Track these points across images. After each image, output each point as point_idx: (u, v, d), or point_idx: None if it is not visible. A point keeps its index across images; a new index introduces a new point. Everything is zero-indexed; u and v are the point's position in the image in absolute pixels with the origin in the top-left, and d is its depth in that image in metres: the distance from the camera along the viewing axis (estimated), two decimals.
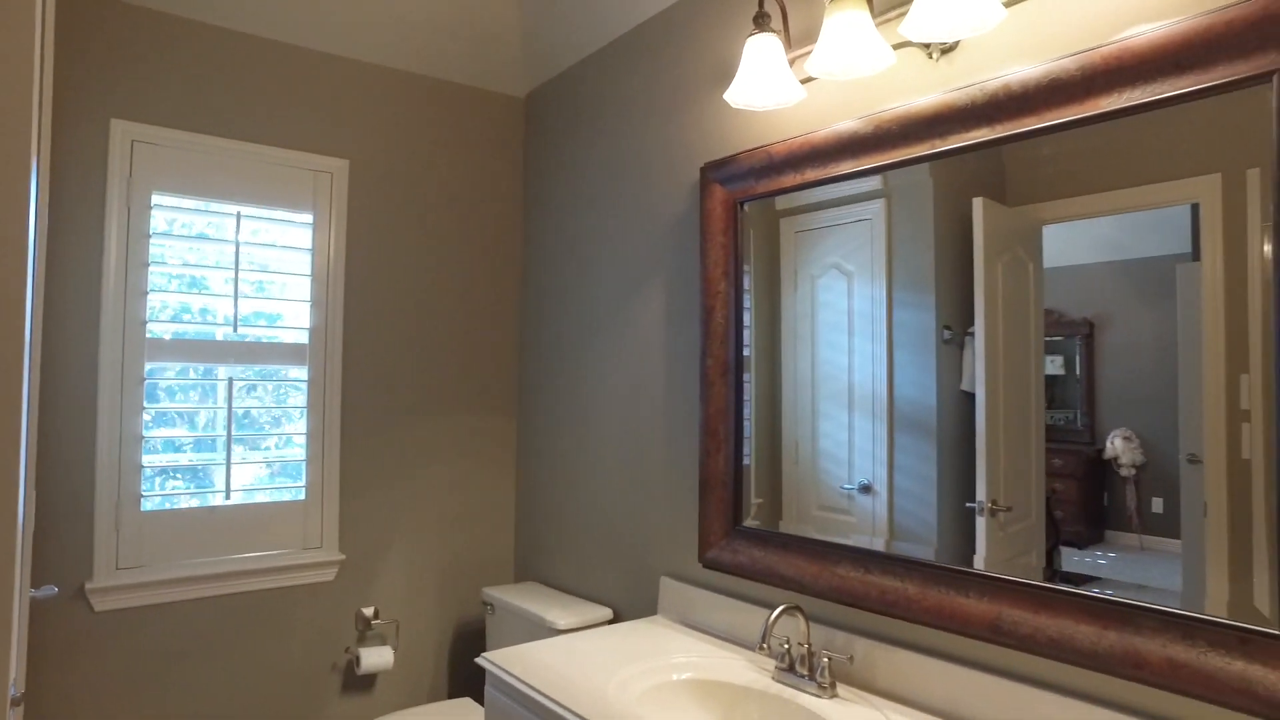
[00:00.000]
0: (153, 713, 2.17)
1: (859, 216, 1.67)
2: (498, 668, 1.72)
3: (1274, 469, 1.09)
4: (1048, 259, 1.35)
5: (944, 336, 1.50)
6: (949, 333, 1.49)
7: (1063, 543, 1.34)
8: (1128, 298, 1.25)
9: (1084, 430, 1.30)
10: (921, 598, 1.49)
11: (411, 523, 2.61)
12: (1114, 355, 1.27)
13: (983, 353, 1.43)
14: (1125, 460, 1.26)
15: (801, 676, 1.61)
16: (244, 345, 2.30)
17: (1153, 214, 1.22)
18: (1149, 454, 1.23)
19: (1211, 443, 1.16)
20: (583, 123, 2.59)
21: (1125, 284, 1.25)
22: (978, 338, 1.44)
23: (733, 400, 1.92)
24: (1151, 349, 1.22)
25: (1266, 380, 1.11)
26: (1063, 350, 1.33)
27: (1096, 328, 1.28)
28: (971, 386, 1.45)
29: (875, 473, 1.62)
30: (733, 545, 1.89)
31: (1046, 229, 1.35)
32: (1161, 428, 1.21)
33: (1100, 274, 1.28)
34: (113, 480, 2.10)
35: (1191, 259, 1.18)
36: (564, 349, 2.62)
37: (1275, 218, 1.09)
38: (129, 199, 2.14)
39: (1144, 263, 1.23)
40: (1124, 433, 1.26)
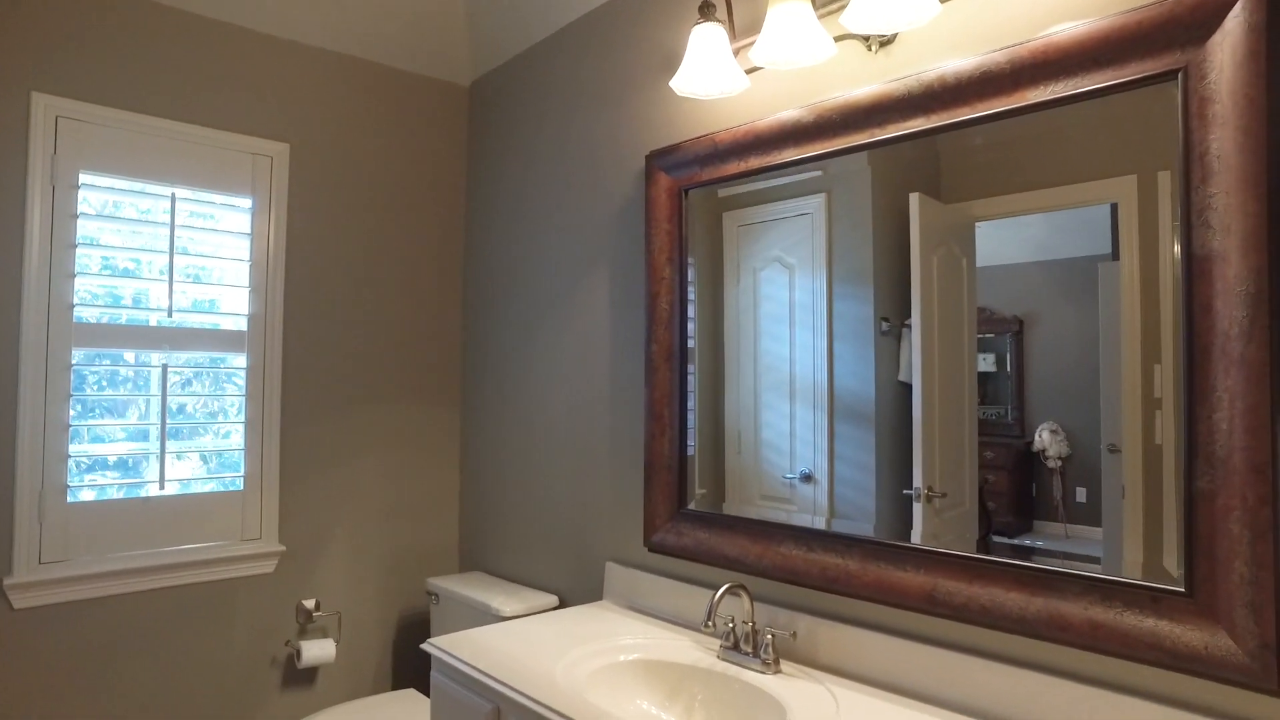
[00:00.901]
0: (83, 714, 2.09)
1: (800, 211, 1.70)
2: (443, 652, 1.71)
3: (1182, 449, 1.16)
4: (981, 258, 1.40)
5: (882, 328, 1.55)
6: (887, 324, 1.54)
7: (994, 532, 1.40)
8: (1054, 296, 1.30)
9: (1014, 424, 1.35)
10: (862, 573, 1.54)
11: (353, 513, 2.57)
12: (1042, 351, 1.32)
13: (919, 344, 1.48)
14: (1052, 452, 1.32)
15: (746, 654, 1.64)
16: (179, 331, 2.23)
17: (1077, 215, 1.28)
18: (1074, 446, 1.29)
19: (1129, 430, 1.23)
20: (528, 112, 2.59)
21: (1052, 283, 1.31)
22: (914, 329, 1.49)
23: (677, 385, 1.95)
24: (1076, 345, 1.28)
25: (1175, 370, 1.19)
26: (994, 347, 1.39)
27: (1026, 325, 1.34)
28: (908, 377, 1.49)
29: (816, 461, 1.66)
30: (678, 528, 1.92)
31: (979, 227, 1.40)
32: (1085, 420, 1.27)
33: (1029, 273, 1.33)
34: (35, 470, 2.01)
35: (1112, 258, 1.25)
36: (508, 337, 2.61)
37: (1183, 216, 1.16)
38: (53, 177, 2.05)
39: (1069, 263, 1.28)
40: (1051, 426, 1.32)
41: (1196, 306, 1.15)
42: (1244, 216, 1.10)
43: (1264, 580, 1.08)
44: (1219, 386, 1.13)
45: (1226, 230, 1.12)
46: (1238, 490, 1.10)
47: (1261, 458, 1.08)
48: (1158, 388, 1.20)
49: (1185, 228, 1.16)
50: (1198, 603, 1.14)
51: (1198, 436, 1.15)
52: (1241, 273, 1.11)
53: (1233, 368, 1.11)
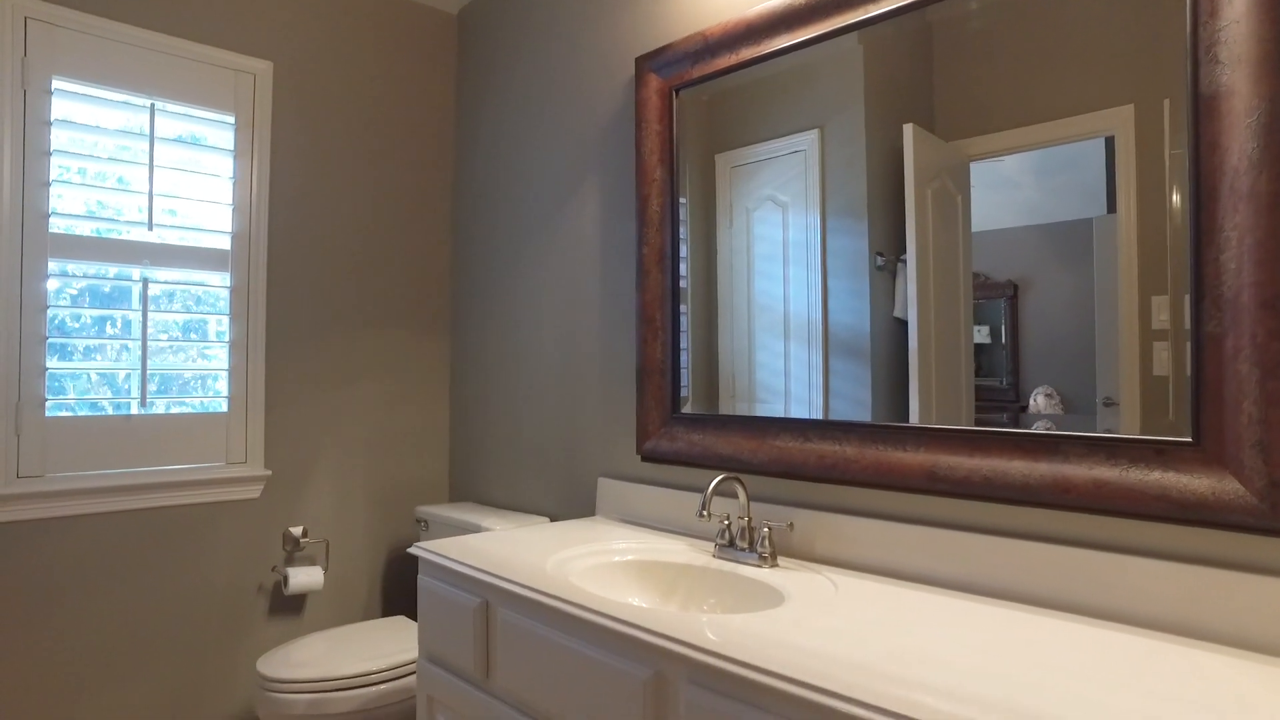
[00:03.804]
0: (66, 631, 2.05)
1: (793, 148, 1.67)
2: (430, 552, 1.67)
3: (1189, 299, 1.13)
4: (974, 224, 1.38)
5: (877, 263, 1.52)
6: (882, 259, 1.51)
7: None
8: (1049, 260, 1.29)
9: (1009, 390, 1.33)
10: (859, 457, 1.51)
11: (341, 440, 2.53)
12: (1036, 315, 1.31)
13: (914, 278, 1.46)
14: (1046, 414, 1.30)
15: (742, 550, 1.60)
16: (160, 247, 2.17)
17: (1071, 176, 1.26)
18: (1067, 407, 1.27)
19: (1126, 369, 1.21)
20: (516, 34, 2.53)
21: (1046, 246, 1.29)
22: (910, 264, 1.46)
23: (669, 287, 1.91)
24: (1070, 306, 1.27)
25: (1176, 299, 1.16)
26: (988, 314, 1.37)
27: (1020, 290, 1.32)
28: (904, 312, 1.47)
29: (812, 399, 1.64)
30: (671, 432, 1.88)
31: (974, 173, 1.38)
32: (1079, 379, 1.26)
33: (1023, 237, 1.31)
34: (10, 382, 1.96)
35: (1108, 212, 1.23)
36: (498, 260, 2.57)
37: (1191, 55, 1.12)
38: (24, 80, 1.99)
39: (1063, 225, 1.27)
40: (1045, 390, 1.30)
41: (1203, 146, 1.11)
42: (1257, 43, 1.06)
43: (1274, 418, 1.05)
44: (1226, 225, 1.09)
45: (1236, 62, 1.08)
46: (1247, 329, 1.07)
47: (1272, 291, 1.05)
48: (1156, 318, 1.18)
49: (1193, 67, 1.13)
50: (1204, 451, 1.11)
51: (1204, 281, 1.11)
52: (1252, 104, 1.07)
53: (1241, 203, 1.08)
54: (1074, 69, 1.27)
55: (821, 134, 1.63)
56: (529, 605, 1.40)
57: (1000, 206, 1.34)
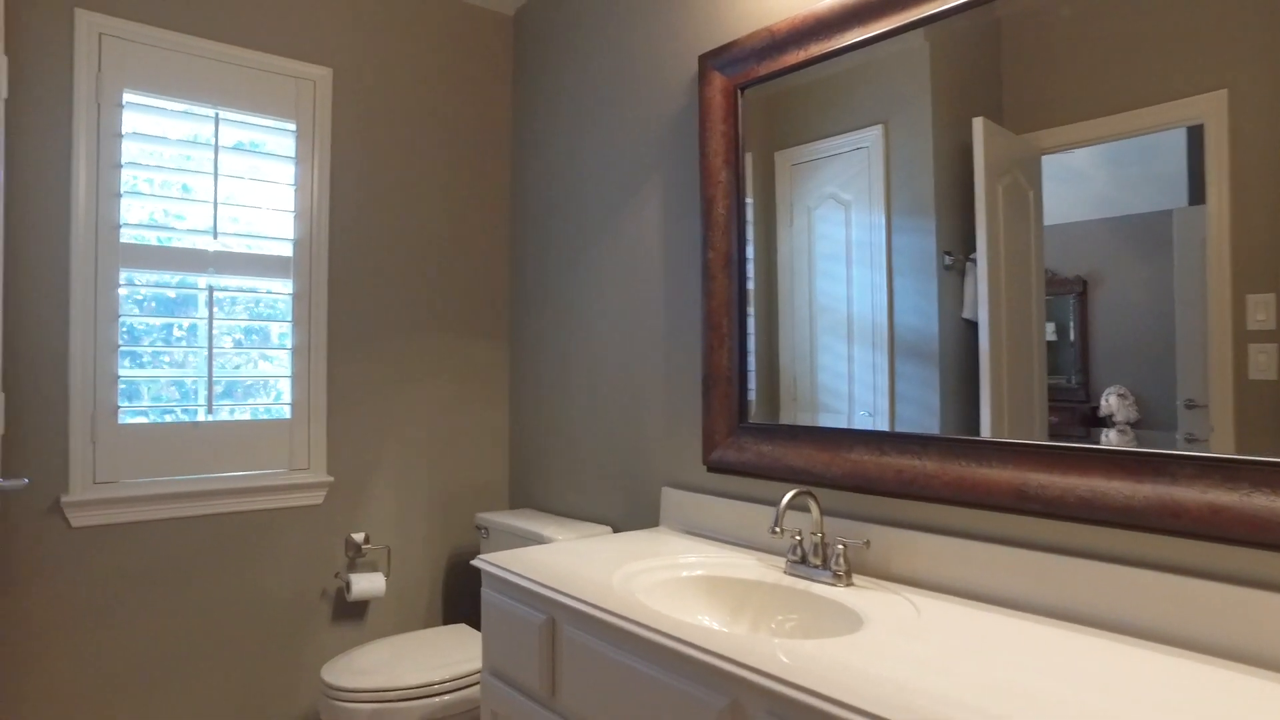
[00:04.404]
0: (137, 632, 2.09)
1: (856, 144, 1.62)
2: (494, 566, 1.64)
3: None
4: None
5: (945, 262, 1.46)
6: (950, 259, 1.45)
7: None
8: (1121, 254, 1.22)
9: (1078, 389, 1.27)
10: (940, 473, 1.43)
11: (401, 445, 2.53)
12: (1108, 312, 1.24)
13: (985, 278, 1.39)
14: (1120, 417, 1.24)
15: (815, 567, 1.54)
16: (225, 255, 2.20)
17: (1146, 167, 1.19)
18: (1144, 409, 1.20)
19: (1218, 373, 1.12)
20: (574, 34, 2.49)
21: (1119, 240, 1.22)
22: (980, 263, 1.40)
23: (735, 293, 1.84)
24: (1146, 303, 1.20)
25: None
26: (1055, 311, 1.30)
27: (1090, 285, 1.26)
28: (974, 313, 1.41)
29: (876, 403, 1.58)
30: (739, 443, 1.82)
31: (1045, 180, 1.31)
32: (1157, 380, 1.19)
33: (1093, 231, 1.25)
34: (87, 390, 2.00)
35: (1188, 205, 1.14)
36: (557, 262, 2.54)
37: None
38: (98, 95, 2.03)
39: (1138, 218, 1.20)
40: (1119, 390, 1.23)
41: None
42: None
43: None
44: None
45: None
46: None
47: None
48: (1252, 318, 1.09)
49: None
50: None
51: None
52: None
53: None
54: (1158, 56, 1.18)
55: (885, 130, 1.57)
56: (596, 624, 1.36)
57: (1068, 199, 1.28)
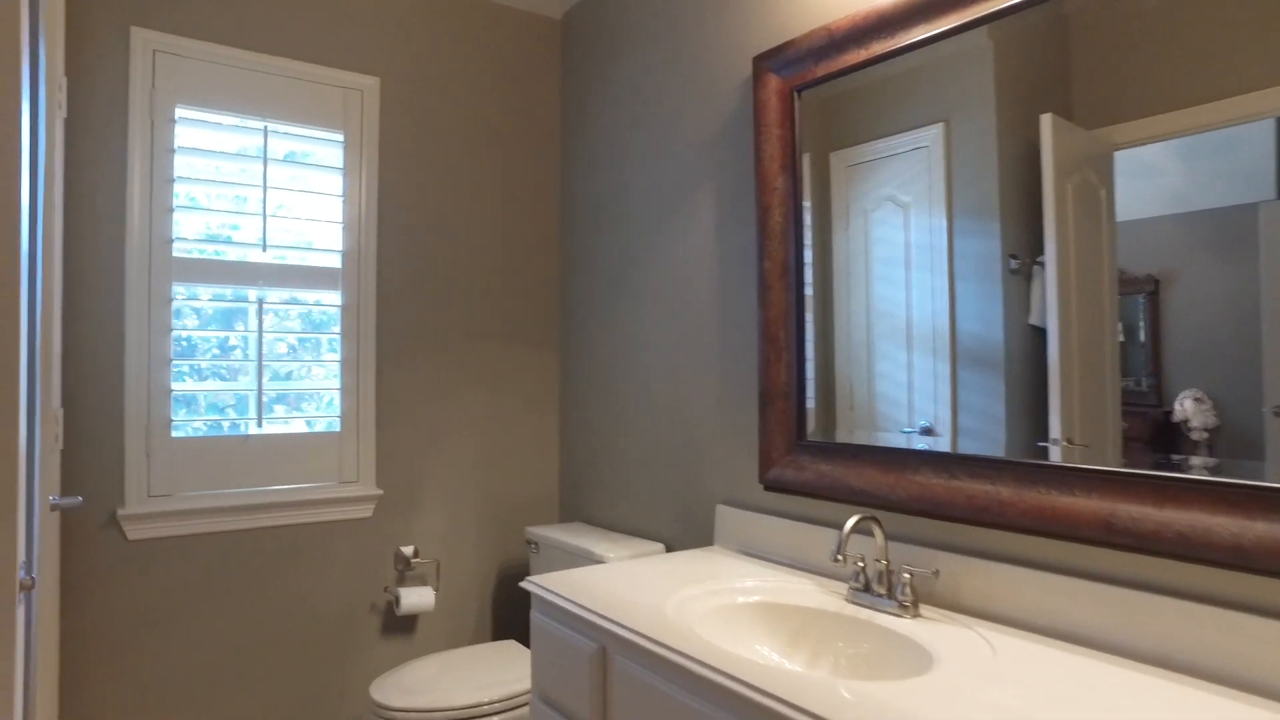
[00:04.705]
0: (189, 645, 2.10)
1: (915, 144, 1.55)
2: (544, 589, 1.59)
3: None
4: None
5: (1010, 266, 1.39)
6: (1015, 262, 1.38)
7: None
8: (1197, 251, 1.15)
9: (1150, 393, 1.21)
10: (1017, 500, 1.33)
11: (451, 459, 2.50)
12: (1182, 312, 1.17)
13: (1054, 282, 1.32)
14: (1196, 423, 1.15)
15: (879, 596, 1.45)
16: (274, 268, 2.20)
17: (1225, 159, 1.11)
18: (1223, 415, 1.13)
19: None
20: (622, 38, 2.44)
21: (1194, 236, 1.15)
22: (1048, 266, 1.32)
23: (793, 304, 1.77)
24: (1225, 303, 1.12)
25: None
26: (1125, 310, 1.24)
27: (1162, 285, 1.19)
28: (1041, 319, 1.34)
29: (938, 413, 1.51)
30: (797, 461, 1.74)
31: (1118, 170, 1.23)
32: (1239, 384, 1.11)
33: (1165, 227, 1.18)
34: (142, 404, 2.01)
35: (1277, 199, 1.06)
36: (607, 272, 2.48)
37: None
38: (152, 111, 2.04)
39: (1215, 213, 1.13)
40: (1194, 394, 1.16)
41: None
42: None
43: None
44: None
45: None
46: None
47: None
48: None
49: None
50: None
51: None
52: None
53: None
54: (1244, 44, 1.08)
55: (947, 128, 1.49)
56: (650, 657, 1.30)
57: (1138, 195, 1.21)
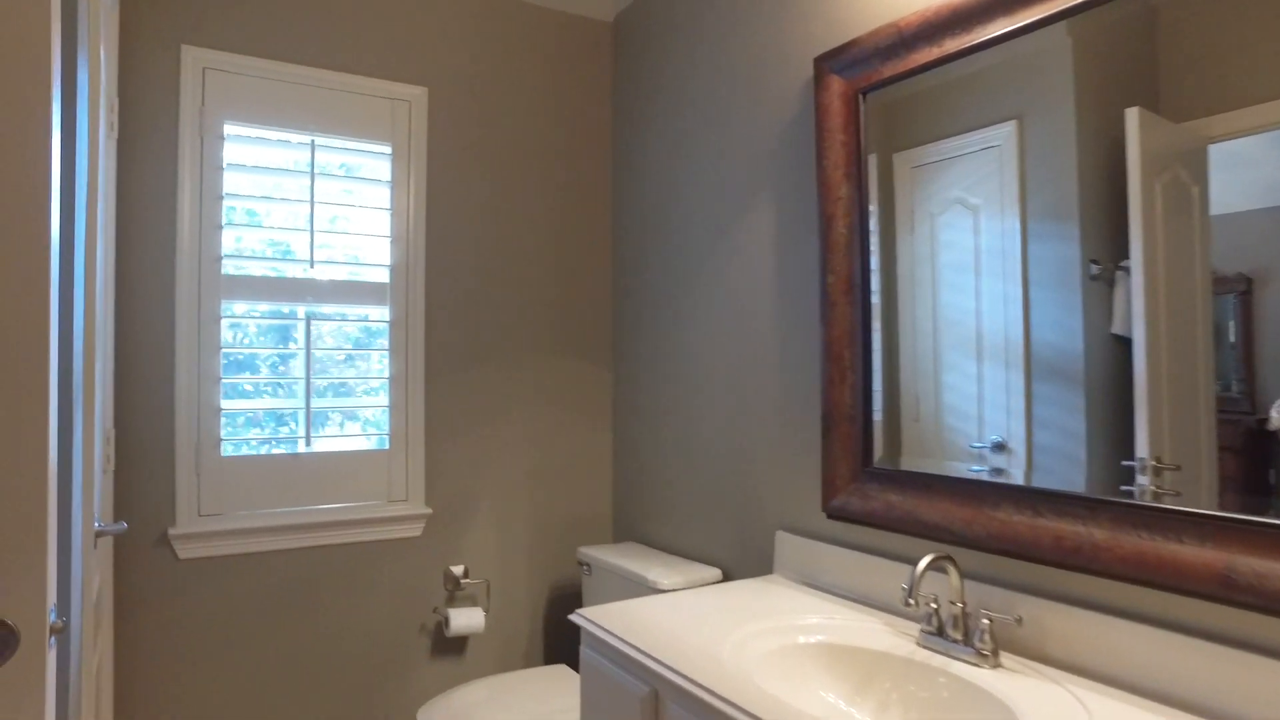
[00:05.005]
0: (239, 664, 2.09)
1: (985, 143, 1.47)
2: (595, 625, 1.51)
3: None
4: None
5: (1091, 272, 1.30)
6: (1097, 268, 1.29)
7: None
8: None
9: (1242, 399, 1.13)
10: (1113, 544, 1.20)
11: (501, 476, 2.45)
12: (1278, 313, 1.09)
13: (1141, 288, 1.22)
14: None
15: (954, 642, 1.34)
16: (322, 283, 2.17)
17: None
18: None
19: None
20: (676, 40, 2.35)
21: None
22: (1134, 272, 1.23)
23: (858, 321, 1.65)
24: None
25: None
26: (1215, 311, 1.16)
27: (1255, 284, 1.12)
28: (1126, 329, 1.24)
29: (1010, 428, 1.41)
30: (863, 489, 1.63)
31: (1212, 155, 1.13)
32: None
33: (1259, 222, 1.11)
34: (192, 423, 2.01)
35: None
36: (662, 283, 2.40)
37: None
38: (201, 129, 2.03)
39: None
40: None
41: None
42: None
43: None
44: None
45: None
46: None
47: None
48: None
49: None
50: None
51: None
52: None
53: None
54: None
55: (1020, 126, 1.40)
56: (706, 708, 1.21)
57: (1229, 188, 1.13)
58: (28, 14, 0.93)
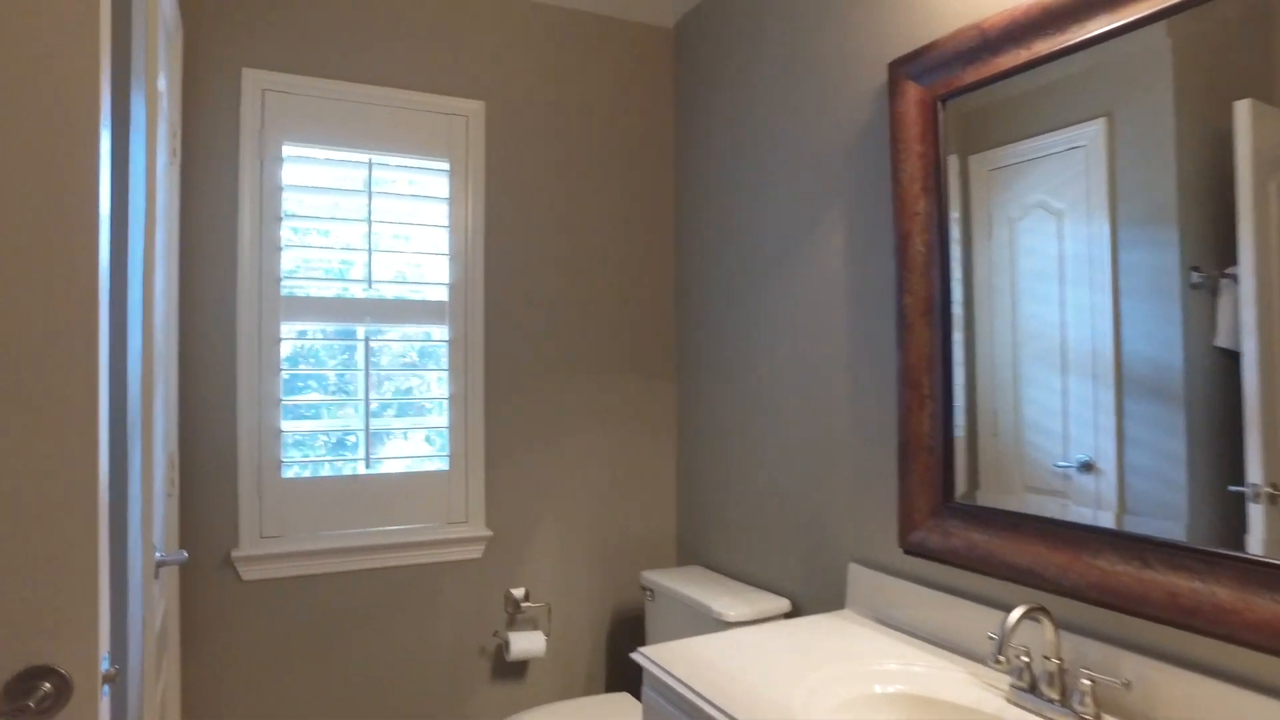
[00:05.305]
0: (300, 687, 2.09)
1: (1071, 143, 1.37)
2: (657, 666, 1.44)
3: None
4: None
5: (1192, 280, 1.21)
6: (1199, 275, 1.20)
7: None
8: None
9: None
10: (1242, 607, 1.07)
11: (563, 497, 2.40)
12: None
13: (1252, 297, 1.12)
14: None
15: (1049, 701, 1.22)
16: (380, 303, 2.16)
17: None
18: None
19: None
20: (740, 46, 2.26)
21: None
22: (1243, 279, 1.13)
23: (939, 344, 1.54)
24: None
25: None
26: None
27: None
28: (1232, 341, 1.15)
29: (1100, 447, 1.32)
30: (943, 526, 1.51)
31: None
32: None
33: None
34: (253, 445, 2.01)
35: None
36: (727, 299, 2.31)
37: None
38: (261, 151, 2.03)
39: None
40: None
41: None
42: None
43: None
44: None
45: None
46: None
47: None
48: None
49: None
50: None
51: None
52: None
53: None
54: None
55: (1109, 123, 1.30)
56: None
57: None
58: (76, 56, 0.91)
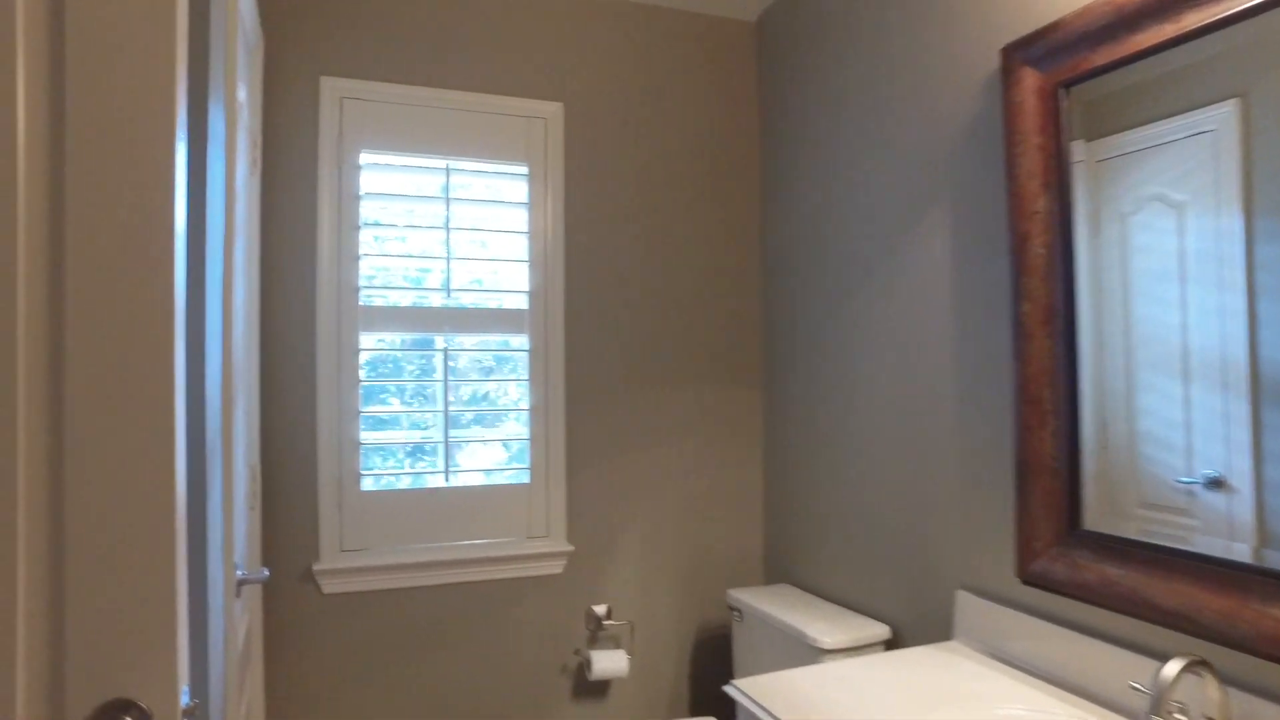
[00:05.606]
0: (380, 702, 2.06)
1: (1195, 129, 1.26)
2: (752, 702, 1.34)
3: None
4: None
5: None
6: None
7: None
8: None
9: None
10: None
11: (644, 511, 2.32)
12: None
13: None
14: None
15: None
16: (459, 312, 2.12)
17: None
18: None
19: None
20: (828, 37, 2.13)
21: None
22: None
23: (1061, 356, 1.39)
24: None
25: None
26: None
27: None
28: None
29: (1230, 462, 1.21)
30: (1069, 556, 1.37)
31: None
32: None
33: None
34: (333, 458, 1.99)
35: None
36: (818, 304, 2.19)
37: None
38: (339, 159, 2.02)
39: None
40: None
41: None
42: None
43: None
44: None
45: None
46: None
47: None
48: None
49: None
50: None
51: None
52: None
53: None
54: None
55: (1242, 105, 1.18)
56: None
57: None
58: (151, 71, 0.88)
